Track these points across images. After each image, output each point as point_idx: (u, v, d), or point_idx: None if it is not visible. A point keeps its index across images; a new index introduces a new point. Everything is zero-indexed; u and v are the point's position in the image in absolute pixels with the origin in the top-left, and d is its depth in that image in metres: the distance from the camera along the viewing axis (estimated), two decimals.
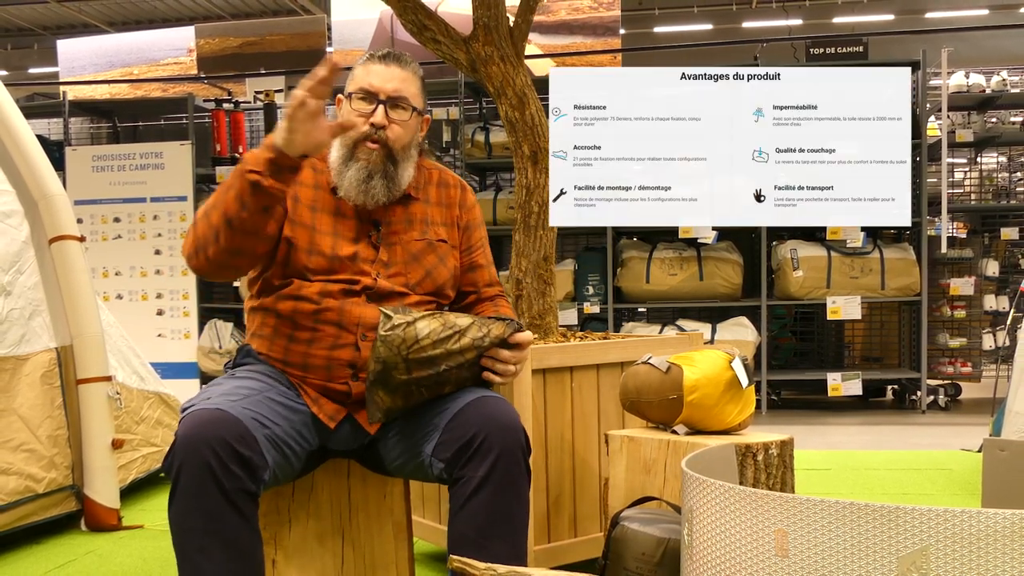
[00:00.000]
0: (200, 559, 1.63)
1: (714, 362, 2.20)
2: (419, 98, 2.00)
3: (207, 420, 1.65)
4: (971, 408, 5.88)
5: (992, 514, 1.24)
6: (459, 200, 2.11)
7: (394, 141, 1.94)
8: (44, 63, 15.04)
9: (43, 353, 3.05)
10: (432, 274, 2.00)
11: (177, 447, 1.64)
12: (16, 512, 2.89)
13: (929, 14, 14.67)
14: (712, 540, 1.47)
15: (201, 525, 1.62)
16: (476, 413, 1.79)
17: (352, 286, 1.91)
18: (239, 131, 6.34)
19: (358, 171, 1.92)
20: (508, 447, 1.75)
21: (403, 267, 1.97)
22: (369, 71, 1.95)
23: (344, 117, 1.95)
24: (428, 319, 1.80)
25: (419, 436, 1.85)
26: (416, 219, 2.02)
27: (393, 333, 1.76)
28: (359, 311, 1.89)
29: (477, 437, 1.75)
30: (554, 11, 7.23)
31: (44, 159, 3.19)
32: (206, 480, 1.61)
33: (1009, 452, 2.16)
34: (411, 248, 1.99)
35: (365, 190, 1.92)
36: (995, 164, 6.82)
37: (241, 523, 1.65)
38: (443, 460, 1.80)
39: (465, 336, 1.80)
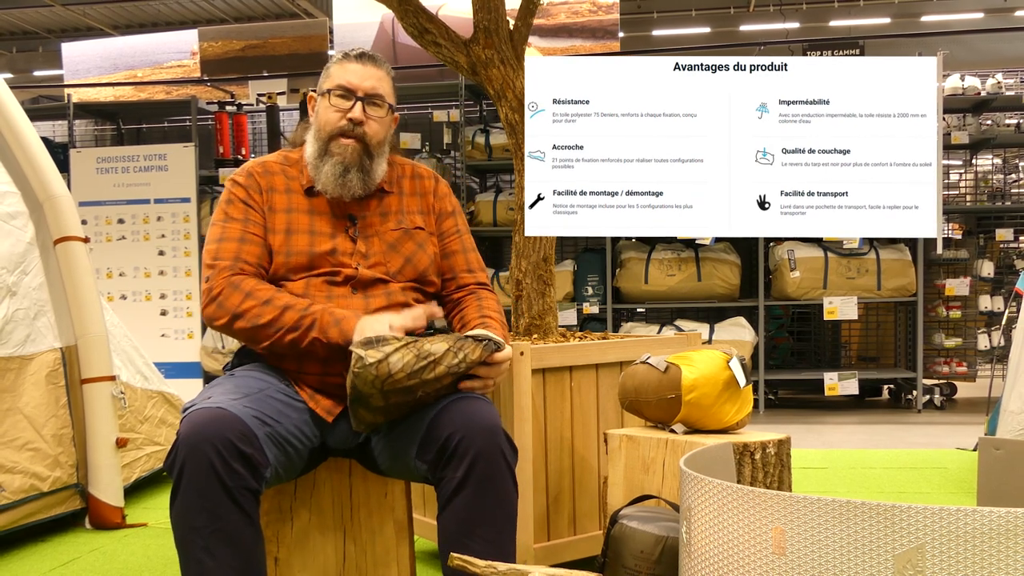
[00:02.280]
0: (203, 556, 1.64)
1: (712, 362, 2.19)
2: (392, 96, 2.06)
3: (208, 419, 1.66)
4: (966, 407, 5.90)
5: (987, 512, 1.24)
6: (432, 189, 2.15)
7: (371, 136, 2.00)
8: (49, 66, 15.09)
9: (48, 353, 3.07)
10: (412, 260, 2.03)
11: (179, 446, 1.65)
12: (21, 510, 2.90)
13: (925, 17, 14.70)
14: (710, 538, 1.47)
15: (204, 523, 1.64)
16: (455, 414, 1.79)
17: (334, 277, 1.95)
18: (242, 133, 6.36)
19: (334, 166, 1.97)
20: (485, 448, 1.75)
21: (382, 257, 2.01)
22: (346, 69, 2.01)
23: (320, 113, 2.02)
24: (402, 351, 1.77)
25: (404, 438, 1.87)
26: (391, 211, 2.07)
27: (365, 371, 1.74)
28: (347, 302, 1.94)
29: (453, 438, 1.76)
30: (554, 15, 7.24)
31: (49, 161, 3.20)
32: (209, 478, 1.63)
33: (1004, 451, 2.15)
34: (388, 238, 2.03)
35: (342, 183, 1.97)
36: (990, 166, 6.84)
37: (243, 520, 1.66)
38: (426, 462, 1.81)
39: (440, 365, 1.79)
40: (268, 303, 1.86)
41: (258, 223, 1.98)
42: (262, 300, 1.86)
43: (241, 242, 1.95)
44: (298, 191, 2.02)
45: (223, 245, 1.95)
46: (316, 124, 2.04)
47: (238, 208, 1.99)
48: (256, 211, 1.99)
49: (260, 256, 1.96)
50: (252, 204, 1.99)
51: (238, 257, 1.93)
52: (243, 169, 2.06)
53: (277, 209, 1.99)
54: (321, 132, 2.01)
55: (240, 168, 2.07)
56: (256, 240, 1.96)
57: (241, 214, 1.98)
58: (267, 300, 1.86)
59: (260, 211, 1.99)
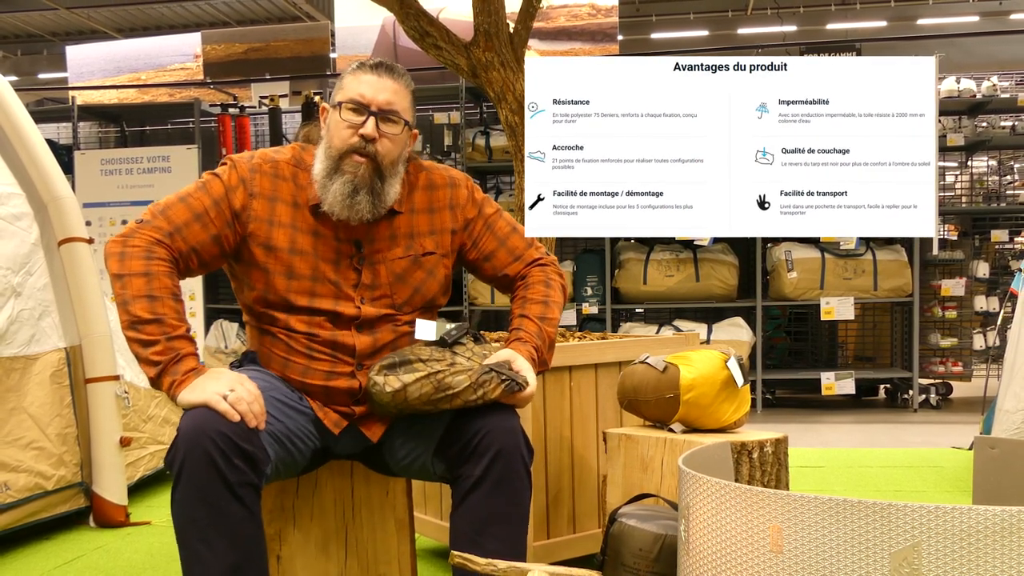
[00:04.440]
0: (202, 549, 1.61)
1: (710, 361, 2.20)
2: (410, 112, 1.89)
3: (208, 414, 1.63)
4: (962, 407, 5.91)
5: (983, 510, 1.24)
6: (448, 201, 1.99)
7: (383, 156, 1.84)
8: (53, 68, 15.12)
9: (52, 353, 3.08)
10: (421, 290, 1.93)
11: (179, 441, 1.62)
12: (26, 508, 2.91)
13: (921, 20, 14.74)
14: (708, 536, 1.47)
15: (203, 516, 1.61)
16: (477, 414, 1.78)
17: (337, 318, 1.86)
18: (244, 135, 6.39)
19: (343, 185, 1.82)
20: (507, 447, 1.74)
21: (388, 288, 1.89)
22: (360, 81, 1.84)
23: (331, 127, 1.86)
24: (420, 383, 1.75)
25: (422, 438, 1.86)
26: (400, 234, 1.92)
27: (381, 395, 1.76)
28: (351, 340, 1.86)
29: (477, 436, 1.75)
30: (553, 18, 7.26)
31: (53, 163, 3.21)
32: (209, 472, 1.60)
33: (999, 450, 2.17)
34: (395, 268, 1.90)
35: (350, 205, 1.82)
36: (985, 168, 6.88)
37: (244, 515, 1.64)
38: (444, 460, 1.81)
39: (458, 398, 1.77)
40: (149, 298, 1.71)
41: (223, 216, 1.82)
42: (147, 291, 1.71)
43: (196, 218, 1.80)
44: (306, 205, 1.87)
45: (178, 207, 1.81)
46: (326, 140, 1.87)
47: (217, 189, 1.84)
48: (229, 207, 1.83)
49: (203, 243, 1.81)
50: (231, 199, 1.84)
51: (179, 229, 1.79)
52: (250, 161, 1.89)
53: (282, 223, 1.85)
54: (331, 149, 1.84)
55: (249, 155, 1.91)
56: (211, 228, 1.81)
57: (217, 195, 1.83)
58: (150, 294, 1.71)
59: (234, 212, 1.84)
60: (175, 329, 1.71)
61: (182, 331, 1.73)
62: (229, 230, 1.84)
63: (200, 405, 1.65)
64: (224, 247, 1.85)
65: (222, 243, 1.84)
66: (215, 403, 1.64)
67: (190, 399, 1.67)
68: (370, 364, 1.85)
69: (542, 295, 1.98)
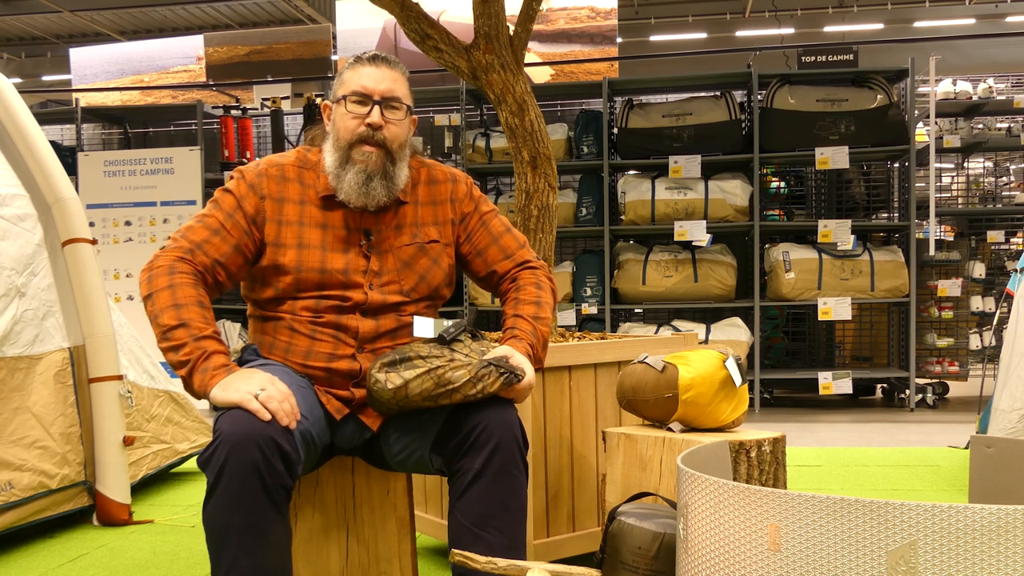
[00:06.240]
0: (240, 554, 1.61)
1: (708, 361, 2.20)
2: (409, 97, 1.98)
3: (251, 418, 1.63)
4: (958, 406, 5.93)
5: (979, 509, 1.24)
6: (449, 195, 2.06)
7: (391, 141, 1.92)
8: (57, 71, 15.15)
9: (56, 353, 3.09)
10: (426, 278, 1.99)
11: (222, 443, 1.60)
12: (30, 507, 2.92)
13: (918, 23, 14.77)
14: (706, 534, 1.48)
15: (241, 521, 1.60)
16: (475, 408, 1.81)
17: (343, 303, 1.90)
18: (247, 137, 6.41)
19: (357, 174, 1.90)
20: (505, 439, 1.76)
21: (396, 275, 1.95)
22: (360, 74, 1.93)
23: (337, 121, 1.94)
24: (420, 379, 1.77)
25: (420, 431, 1.88)
26: (406, 223, 1.99)
27: (382, 392, 1.78)
28: (355, 323, 1.90)
29: (475, 429, 1.77)
30: (553, 20, 7.28)
31: (57, 164, 3.22)
32: (251, 477, 1.59)
33: (995, 449, 2.17)
34: (402, 255, 1.97)
35: (366, 192, 1.90)
36: (981, 169, 6.91)
37: (277, 518, 1.64)
38: (442, 454, 1.83)
39: (458, 392, 1.78)
40: (175, 307, 1.75)
41: (239, 226, 1.90)
42: (173, 301, 1.76)
43: (214, 233, 1.88)
44: (313, 201, 1.94)
45: (196, 228, 1.89)
46: (334, 133, 1.95)
47: (230, 202, 1.92)
48: (244, 215, 1.91)
49: (226, 255, 1.88)
50: (244, 206, 1.91)
51: (200, 245, 1.86)
52: (257, 167, 1.97)
53: (290, 221, 1.92)
54: (340, 141, 1.93)
55: (255, 164, 1.99)
56: (229, 239, 1.88)
57: (230, 208, 1.91)
58: (176, 303, 1.76)
59: (249, 218, 1.91)
60: (202, 331, 1.75)
61: (209, 332, 1.76)
62: (248, 238, 1.91)
63: (233, 404, 1.66)
64: (247, 255, 1.92)
65: (244, 252, 1.91)
66: (246, 402, 1.65)
67: (222, 397, 1.67)
68: (371, 348, 1.90)
69: (534, 296, 2.02)
